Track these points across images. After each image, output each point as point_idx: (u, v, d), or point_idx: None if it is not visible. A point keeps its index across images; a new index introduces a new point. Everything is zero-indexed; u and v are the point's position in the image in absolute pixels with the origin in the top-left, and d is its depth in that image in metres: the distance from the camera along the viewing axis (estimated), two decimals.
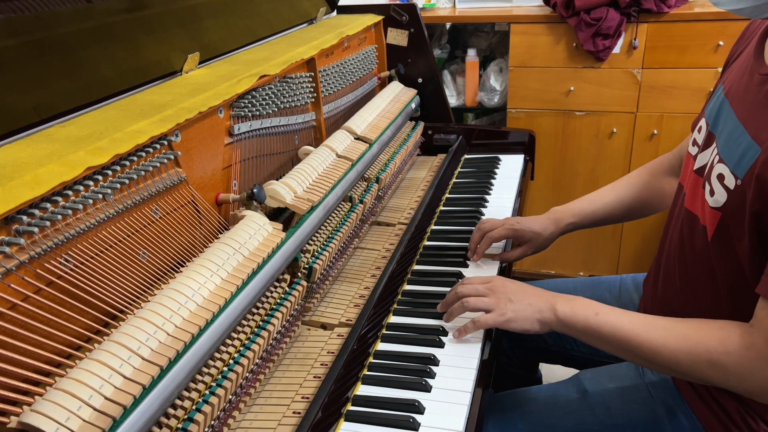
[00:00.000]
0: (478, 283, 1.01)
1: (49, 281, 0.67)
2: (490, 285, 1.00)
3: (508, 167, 1.66)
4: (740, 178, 0.81)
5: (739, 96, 0.89)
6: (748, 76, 0.88)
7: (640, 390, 1.03)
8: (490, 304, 0.97)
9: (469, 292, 0.99)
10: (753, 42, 0.91)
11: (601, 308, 0.92)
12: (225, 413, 0.78)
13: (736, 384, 0.82)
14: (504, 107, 2.41)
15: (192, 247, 0.90)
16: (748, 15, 0.84)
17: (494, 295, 0.98)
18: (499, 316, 0.95)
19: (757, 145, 0.79)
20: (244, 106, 1.07)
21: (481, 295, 0.98)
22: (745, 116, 0.85)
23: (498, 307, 0.96)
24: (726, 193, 0.84)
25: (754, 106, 0.83)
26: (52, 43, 0.85)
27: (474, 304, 0.98)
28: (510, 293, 0.98)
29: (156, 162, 0.84)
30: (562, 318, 0.93)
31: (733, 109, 0.89)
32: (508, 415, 1.08)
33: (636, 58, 2.16)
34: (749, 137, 0.81)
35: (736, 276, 0.86)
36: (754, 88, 0.85)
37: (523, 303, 0.96)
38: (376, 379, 0.91)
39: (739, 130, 0.84)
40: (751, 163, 0.79)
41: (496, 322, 0.96)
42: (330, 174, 1.16)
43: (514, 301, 0.96)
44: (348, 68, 1.53)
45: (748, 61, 0.89)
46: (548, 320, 0.94)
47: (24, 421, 0.56)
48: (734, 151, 0.84)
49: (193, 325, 0.73)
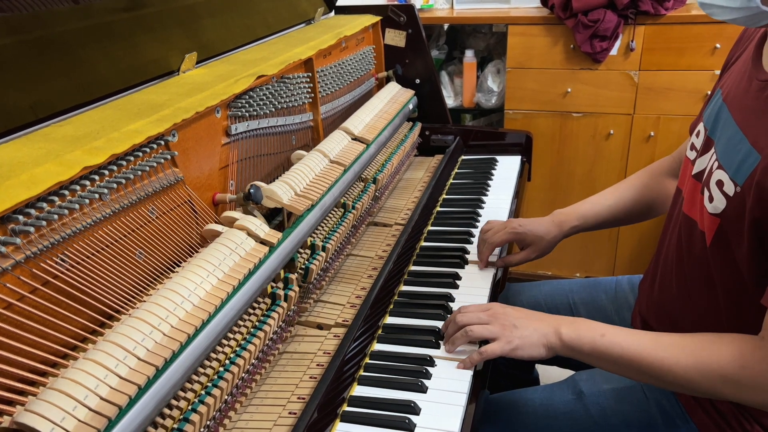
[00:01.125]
0: (478, 310, 0.97)
1: (45, 281, 0.67)
2: (492, 312, 0.96)
3: (505, 168, 1.66)
4: (740, 185, 0.81)
5: (738, 101, 0.88)
6: (747, 81, 0.88)
7: (635, 391, 1.03)
8: (495, 333, 0.93)
9: (470, 320, 0.95)
10: (751, 46, 0.91)
11: (606, 329, 0.90)
12: (221, 413, 0.78)
13: (751, 397, 0.80)
14: (501, 108, 2.41)
15: (188, 247, 0.90)
16: (743, 24, 0.84)
17: (498, 323, 0.94)
18: (506, 345, 0.92)
19: (757, 152, 0.79)
20: (242, 106, 1.07)
21: (483, 323, 0.95)
22: (744, 122, 0.84)
23: (504, 335, 0.92)
24: (725, 199, 0.84)
25: (754, 112, 0.83)
26: (49, 42, 0.85)
27: (479, 333, 0.94)
28: (513, 319, 0.94)
29: (153, 162, 0.84)
30: (567, 342, 0.90)
31: (731, 114, 0.89)
32: (503, 416, 1.08)
33: (633, 60, 2.17)
34: (748, 144, 0.81)
35: (733, 281, 0.86)
36: (753, 94, 0.85)
37: (529, 329, 0.93)
38: (372, 380, 0.92)
39: (738, 136, 0.84)
40: (751, 171, 0.79)
41: (503, 351, 0.92)
42: (327, 175, 1.16)
43: (519, 327, 0.93)
44: (346, 69, 1.53)
45: (747, 66, 0.89)
46: (554, 345, 0.91)
47: (19, 420, 0.56)
48: (733, 158, 0.84)
49: (189, 325, 0.73)
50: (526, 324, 0.93)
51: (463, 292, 1.14)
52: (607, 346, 0.88)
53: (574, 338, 0.90)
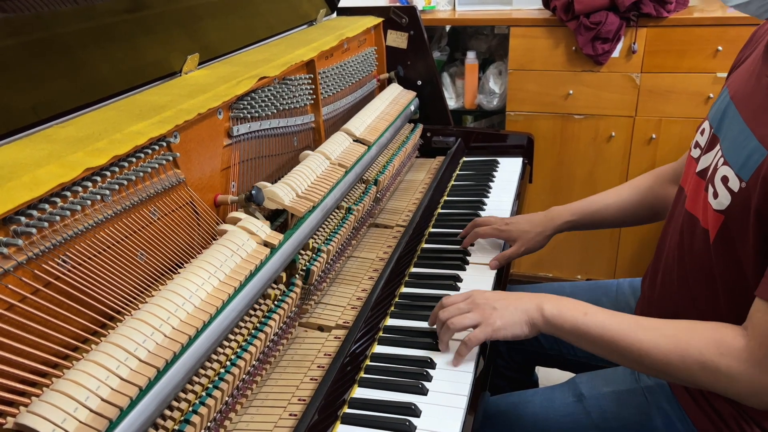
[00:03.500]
0: (458, 300, 0.97)
1: (46, 282, 0.67)
2: (471, 299, 0.96)
3: (506, 170, 1.66)
4: (745, 180, 0.81)
5: (746, 99, 0.89)
6: (756, 79, 0.88)
7: (636, 394, 1.03)
8: (475, 319, 0.93)
9: (451, 314, 0.95)
10: (761, 46, 0.91)
11: (589, 308, 0.90)
12: (221, 415, 0.78)
13: (726, 386, 0.80)
14: (503, 110, 2.41)
15: (190, 249, 0.90)
16: (755, 14, 0.84)
17: (478, 309, 0.94)
18: (487, 327, 0.92)
19: (764, 148, 0.79)
20: (244, 107, 1.07)
21: (464, 312, 0.95)
22: (752, 119, 0.85)
23: (484, 319, 0.92)
24: (730, 195, 0.84)
25: (762, 108, 0.84)
26: (51, 43, 0.85)
27: (460, 323, 0.93)
28: (493, 302, 0.94)
29: (155, 163, 0.84)
30: (549, 318, 0.90)
31: (739, 111, 0.89)
32: (504, 418, 1.09)
33: (635, 62, 2.17)
34: (756, 140, 0.81)
35: (736, 279, 0.86)
36: (762, 91, 0.85)
37: (509, 309, 0.93)
38: (373, 382, 0.92)
39: (746, 132, 0.84)
40: (757, 166, 0.79)
41: (486, 334, 0.92)
42: (328, 176, 1.16)
43: (498, 308, 0.93)
44: (347, 70, 1.53)
45: (756, 65, 0.90)
46: (536, 322, 0.91)
47: (20, 422, 0.56)
48: (740, 154, 0.84)
49: (190, 326, 0.73)
50: (506, 305, 0.93)
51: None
52: (588, 325, 0.88)
53: (555, 314, 0.90)
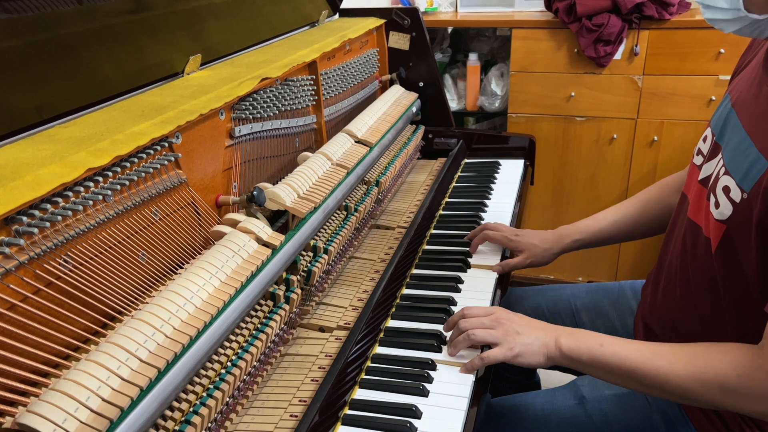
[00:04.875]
0: (481, 314, 0.97)
1: (48, 282, 0.67)
2: (495, 317, 0.96)
3: (508, 172, 1.66)
4: (746, 191, 0.81)
5: (747, 108, 0.88)
6: (756, 88, 0.87)
7: (637, 398, 1.03)
8: (498, 338, 0.93)
9: (473, 325, 0.96)
10: (761, 53, 0.91)
11: (604, 339, 0.90)
12: (222, 416, 0.78)
13: (748, 406, 0.80)
14: (505, 112, 2.41)
15: (191, 249, 0.90)
16: (748, 35, 0.84)
17: (501, 328, 0.94)
18: (507, 351, 0.92)
19: (765, 159, 0.79)
20: (246, 108, 1.07)
21: (486, 328, 0.95)
22: (753, 129, 0.84)
23: (506, 341, 0.92)
24: (731, 206, 0.84)
25: (763, 118, 0.83)
26: (54, 44, 0.85)
27: (482, 337, 0.94)
28: (517, 326, 0.94)
29: (156, 164, 0.84)
30: (566, 352, 0.91)
31: (740, 120, 0.88)
32: (505, 420, 1.08)
33: (637, 64, 2.16)
34: (756, 150, 0.81)
35: (738, 287, 0.86)
36: (763, 100, 0.84)
37: (531, 336, 0.93)
38: (374, 383, 0.91)
39: (747, 142, 0.84)
40: (758, 177, 0.79)
41: (505, 357, 0.92)
42: (330, 178, 1.16)
43: (521, 334, 0.93)
44: (349, 71, 1.53)
45: (756, 73, 0.89)
46: (553, 354, 0.92)
47: (21, 422, 0.56)
48: (741, 164, 0.83)
49: (191, 327, 0.73)
50: (529, 332, 0.94)
51: (466, 296, 1.14)
52: (605, 356, 0.88)
53: (572, 348, 0.91)
